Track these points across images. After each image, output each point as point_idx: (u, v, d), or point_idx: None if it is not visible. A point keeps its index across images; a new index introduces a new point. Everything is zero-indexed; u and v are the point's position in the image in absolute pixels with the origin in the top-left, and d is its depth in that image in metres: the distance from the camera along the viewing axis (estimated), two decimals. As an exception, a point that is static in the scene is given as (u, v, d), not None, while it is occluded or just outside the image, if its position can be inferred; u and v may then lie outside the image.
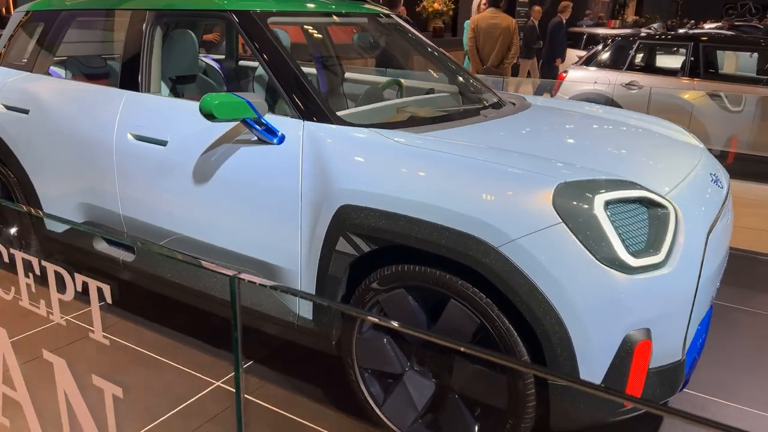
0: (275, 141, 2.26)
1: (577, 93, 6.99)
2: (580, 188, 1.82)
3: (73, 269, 1.36)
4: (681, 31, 12.54)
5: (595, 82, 7.10)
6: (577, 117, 2.79)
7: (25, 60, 3.25)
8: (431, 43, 3.26)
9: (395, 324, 1.54)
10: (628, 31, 11.17)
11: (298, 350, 2.53)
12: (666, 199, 1.92)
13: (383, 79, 3.43)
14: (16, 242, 3.26)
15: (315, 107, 2.30)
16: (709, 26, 19.70)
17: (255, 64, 4.14)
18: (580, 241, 1.75)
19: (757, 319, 3.23)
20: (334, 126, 2.24)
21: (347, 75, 3.54)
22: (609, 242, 1.76)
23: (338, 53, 3.58)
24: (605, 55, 7.30)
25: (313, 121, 2.27)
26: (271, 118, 2.29)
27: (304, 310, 2.30)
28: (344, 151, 2.14)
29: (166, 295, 2.79)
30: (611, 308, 1.76)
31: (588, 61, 7.47)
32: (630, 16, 25.31)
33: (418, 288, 2.01)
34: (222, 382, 2.51)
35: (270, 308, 2.37)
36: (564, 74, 7.50)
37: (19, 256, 1.47)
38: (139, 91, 2.72)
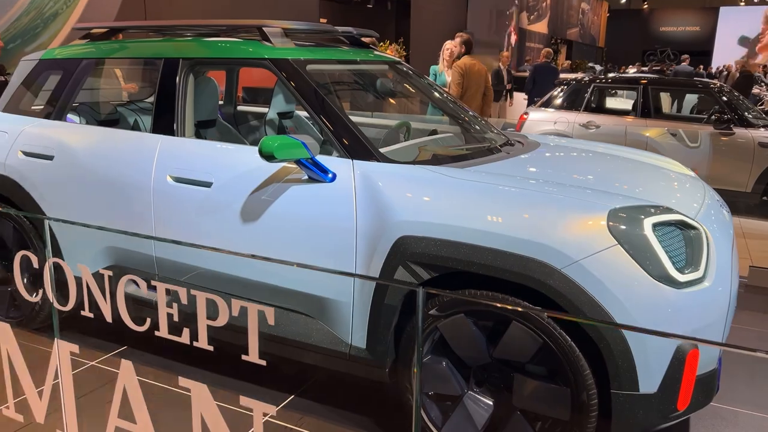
0: (327, 179, 2.38)
1: (540, 132, 7.40)
2: (629, 213, 2.04)
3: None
4: (610, 75, 13.46)
5: (555, 123, 7.54)
6: (588, 153, 3.04)
7: (41, 107, 3.26)
8: (439, 87, 3.49)
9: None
10: (576, 75, 11.91)
11: (339, 380, 2.60)
12: (697, 222, 2.15)
13: (391, 122, 3.62)
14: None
15: (361, 147, 2.45)
16: (632, 70, 21.15)
17: (256, 109, 4.27)
18: (635, 260, 1.95)
19: (738, 334, 3.53)
20: (384, 163, 2.39)
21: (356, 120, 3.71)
22: (659, 260, 1.97)
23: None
24: (562, 98, 7.79)
25: (361, 159, 2.41)
26: (319, 158, 2.42)
27: (358, 339, 2.39)
28: (399, 186, 2.29)
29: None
30: (665, 320, 1.95)
31: (546, 103, 7.93)
32: (562, 62, 26.88)
33: (477, 312, 2.15)
34: (270, 417, 2.55)
35: (320, 340, 2.45)
36: (525, 115, 7.93)
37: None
38: (174, 135, 2.80)
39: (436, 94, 3.51)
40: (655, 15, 38.19)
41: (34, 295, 1.94)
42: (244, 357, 1.41)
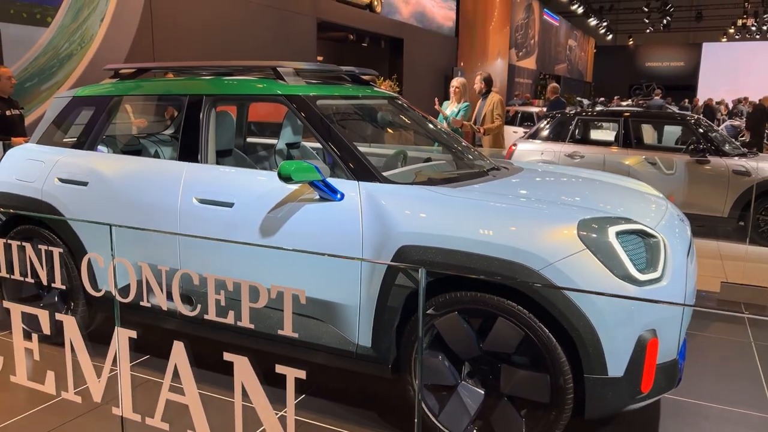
0: (337, 198, 2.74)
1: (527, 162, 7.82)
2: (596, 223, 2.39)
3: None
4: (598, 108, 14.06)
5: (542, 153, 7.96)
6: (564, 176, 3.42)
7: (74, 139, 3.62)
8: (433, 119, 3.87)
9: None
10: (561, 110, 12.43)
11: (347, 377, 2.90)
12: (656, 231, 2.51)
13: (389, 150, 4.00)
14: (60, 306, 3.50)
15: (365, 170, 2.81)
16: (625, 103, 21.84)
17: (263, 140, 4.64)
18: (601, 262, 2.30)
19: (703, 339, 3.86)
20: (386, 184, 2.75)
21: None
22: (622, 263, 2.32)
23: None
24: (548, 130, 8.23)
25: (366, 181, 2.77)
26: (329, 180, 2.78)
27: (364, 339, 2.71)
28: (399, 203, 2.64)
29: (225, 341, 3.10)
30: (628, 314, 2.29)
31: (533, 135, 8.37)
32: (550, 97, 27.70)
33: (468, 310, 2.48)
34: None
35: (330, 341, 2.76)
36: (513, 147, 8.36)
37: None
38: (198, 162, 3.15)
39: (430, 126, 3.90)
40: (641, 51, 39.36)
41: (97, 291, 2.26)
42: (280, 331, 1.73)
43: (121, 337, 1.91)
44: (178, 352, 1.81)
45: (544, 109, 13.74)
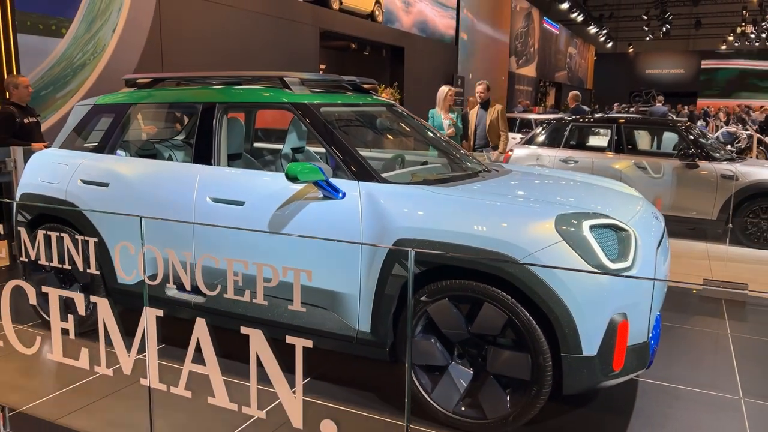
0: (339, 197, 3.01)
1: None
2: (572, 217, 2.66)
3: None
4: (597, 115, 14.38)
5: (537, 158, 8.23)
6: (548, 177, 3.68)
7: (96, 144, 3.90)
8: (428, 125, 4.15)
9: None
10: (556, 116, 12.72)
11: (344, 364, 3.15)
12: (627, 225, 2.78)
13: (387, 155, 4.27)
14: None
15: (365, 171, 3.08)
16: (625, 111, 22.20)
17: (268, 145, 4.92)
18: (576, 252, 2.56)
19: (683, 331, 4.12)
20: (383, 184, 3.02)
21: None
22: (595, 253, 2.58)
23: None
24: (543, 136, 8.50)
25: (365, 181, 3.04)
26: (332, 180, 3.04)
27: (363, 324, 2.97)
28: (396, 201, 2.91)
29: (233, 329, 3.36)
30: (600, 298, 2.56)
31: (529, 141, 8.65)
32: (550, 104, 28.04)
33: (458, 297, 2.74)
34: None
35: (333, 327, 3.02)
36: (510, 152, 8.63)
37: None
38: (211, 165, 3.43)
39: (426, 131, 4.17)
40: (641, 58, 39.71)
41: (130, 275, 2.52)
42: (290, 307, 1.99)
43: (149, 317, 2.17)
44: (201, 328, 2.07)
45: (544, 116, 14.04)
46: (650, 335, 2.78)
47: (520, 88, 25.30)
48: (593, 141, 8.76)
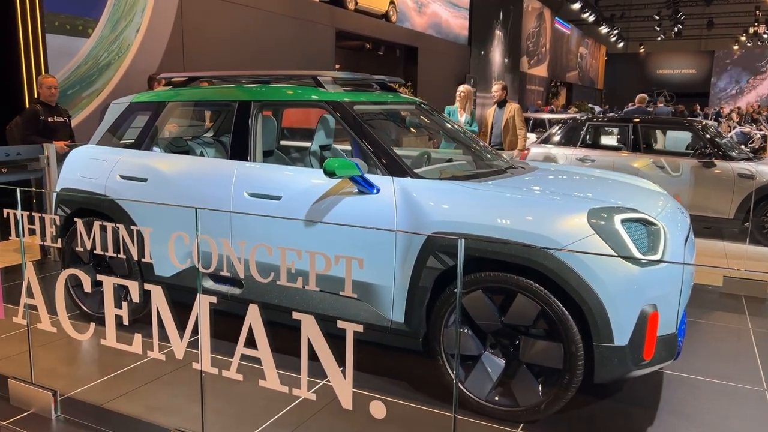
0: (373, 192, 3.11)
1: (541, 167, 8.15)
2: (604, 211, 2.75)
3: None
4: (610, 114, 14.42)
5: (554, 158, 8.30)
6: (575, 174, 3.77)
7: (132, 140, 4.02)
8: (456, 122, 4.24)
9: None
10: (571, 114, 12.78)
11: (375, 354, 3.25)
12: (656, 220, 2.86)
13: (413, 152, 4.37)
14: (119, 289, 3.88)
15: (398, 167, 3.18)
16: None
17: (294, 143, 5.03)
18: (608, 245, 2.65)
19: (705, 326, 4.19)
20: (417, 179, 3.12)
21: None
22: (626, 246, 2.67)
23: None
24: (560, 135, 8.57)
25: (399, 176, 3.14)
26: (366, 176, 3.14)
27: (398, 315, 3.07)
28: (429, 196, 3.01)
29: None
30: (631, 290, 2.64)
31: (545, 141, 8.72)
32: (560, 104, 28.10)
33: (491, 288, 2.84)
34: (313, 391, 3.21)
35: (367, 317, 3.12)
36: (526, 151, 8.70)
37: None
38: (247, 161, 3.54)
39: (454, 129, 4.27)
40: (652, 58, 39.59)
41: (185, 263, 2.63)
42: (341, 293, 2.09)
43: (203, 303, 2.28)
44: (253, 313, 2.18)
45: (558, 116, 14.10)
46: (678, 327, 2.86)
47: (532, 88, 25.32)
48: (610, 140, 8.82)
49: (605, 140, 8.86)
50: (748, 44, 36.50)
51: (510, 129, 7.48)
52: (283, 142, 5.03)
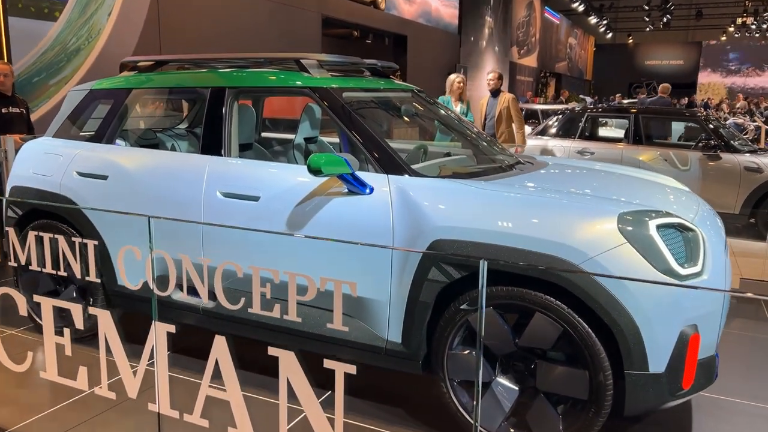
0: (366, 192, 2.69)
1: (538, 160, 7.76)
2: (636, 216, 2.35)
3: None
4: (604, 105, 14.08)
5: (552, 150, 7.92)
6: (592, 170, 3.37)
7: (93, 132, 3.56)
8: (456, 113, 3.83)
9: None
10: (561, 106, 12.43)
11: (375, 374, 2.85)
12: (694, 225, 2.47)
13: (408, 145, 3.95)
14: (79, 302, 3.44)
15: (394, 163, 2.77)
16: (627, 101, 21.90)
17: (277, 135, 4.59)
18: (642, 256, 2.25)
19: (725, 335, 3.83)
20: (416, 177, 2.70)
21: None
22: (663, 256, 2.27)
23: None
24: (557, 127, 8.18)
25: (395, 174, 2.72)
26: (358, 174, 2.72)
27: (394, 334, 2.66)
28: (431, 197, 2.59)
29: (243, 336, 3.05)
30: (670, 309, 2.25)
31: (542, 132, 8.33)
32: (551, 94, 27.76)
33: (504, 305, 2.44)
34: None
35: (359, 336, 2.71)
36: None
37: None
38: (221, 156, 3.10)
39: (455, 120, 3.85)
40: (640, 49, 39.35)
41: (135, 284, 2.20)
42: (329, 325, 1.68)
43: (159, 332, 1.86)
44: (220, 347, 1.76)
45: (554, 107, 13.73)
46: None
47: (521, 79, 24.93)
48: (610, 132, 8.45)
49: (604, 132, 8.50)
50: (736, 35, 36.38)
51: (504, 119, 7.08)
52: (264, 134, 4.60)
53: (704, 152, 6.92)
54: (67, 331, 2.09)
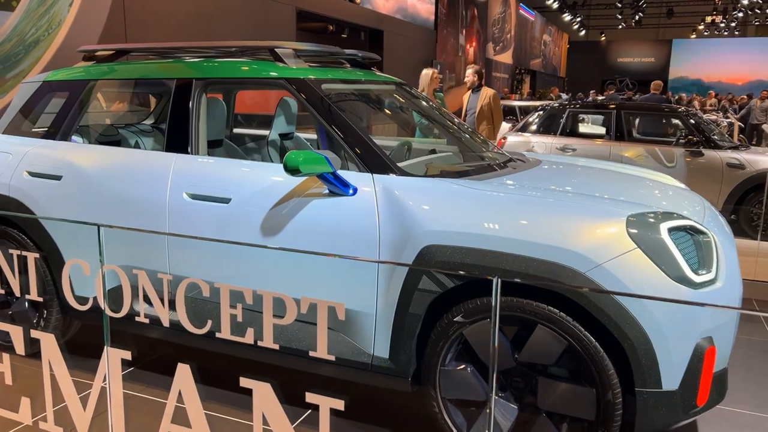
0: (349, 193, 2.44)
1: (519, 156, 7.59)
2: (645, 219, 2.15)
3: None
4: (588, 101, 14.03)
5: (533, 147, 7.76)
6: (589, 168, 3.17)
7: (46, 128, 3.25)
8: (443, 108, 3.60)
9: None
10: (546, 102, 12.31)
11: (360, 391, 2.62)
12: (705, 227, 2.28)
13: (391, 141, 3.71)
14: (31, 314, 3.13)
15: (380, 161, 2.53)
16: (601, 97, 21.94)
17: (249, 131, 4.32)
18: (654, 263, 2.05)
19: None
20: (404, 177, 2.46)
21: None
22: (677, 262, 2.08)
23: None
24: (538, 123, 8.02)
25: (380, 173, 2.48)
26: (340, 173, 2.48)
27: (380, 349, 2.43)
28: (422, 198, 2.36)
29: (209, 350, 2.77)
30: (684, 320, 2.05)
31: (523, 128, 8.17)
32: (526, 91, 27.76)
33: (502, 317, 2.21)
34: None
35: (342, 351, 2.47)
36: (503, 140, 8.13)
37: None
38: (188, 153, 2.82)
39: (437, 114, 3.62)
40: (613, 47, 39.69)
41: (84, 304, 1.92)
42: (312, 353, 1.44)
43: (112, 359, 1.59)
44: (183, 377, 1.51)
45: (530, 103, 13.61)
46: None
47: (497, 75, 24.86)
48: (590, 128, 8.33)
49: (585, 128, 8.37)
50: (705, 33, 36.89)
51: (485, 116, 6.88)
52: (236, 131, 4.31)
53: (686, 148, 6.82)
54: (6, 356, 1.80)
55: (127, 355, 1.59)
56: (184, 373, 1.51)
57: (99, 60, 3.36)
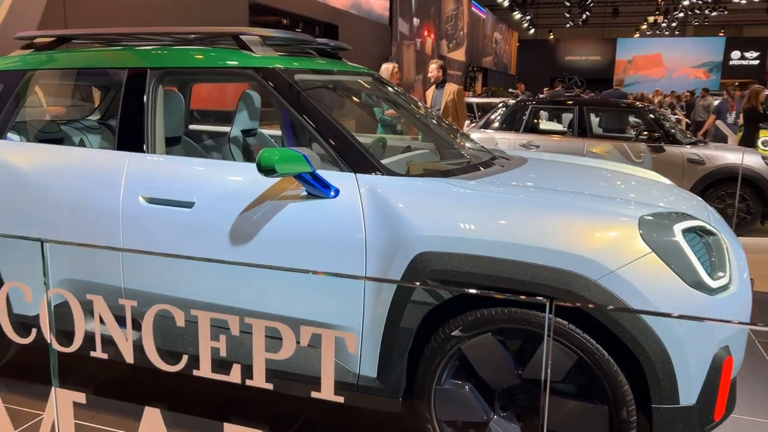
0: (330, 195, 2.20)
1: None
2: (658, 220, 1.98)
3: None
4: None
5: (497, 143, 7.64)
6: (580, 166, 3.00)
7: (-24, 124, 2.86)
8: (414, 98, 3.39)
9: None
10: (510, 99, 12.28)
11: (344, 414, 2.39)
12: (714, 228, 2.13)
13: (366, 138, 3.47)
14: None
15: (363, 159, 2.29)
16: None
17: (207, 128, 4.00)
18: (670, 268, 1.89)
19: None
20: (392, 177, 2.23)
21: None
22: (693, 267, 1.92)
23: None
24: (500, 120, 7.92)
25: (365, 173, 2.24)
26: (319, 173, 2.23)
27: (368, 367, 2.20)
28: (413, 200, 2.13)
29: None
30: (703, 330, 1.90)
31: (485, 125, 8.05)
32: (479, 89, 27.91)
33: (505, 330, 2.02)
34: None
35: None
36: (466, 137, 7.99)
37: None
38: (143, 152, 2.52)
39: (412, 106, 3.40)
40: (561, 45, 40.47)
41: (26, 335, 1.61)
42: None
43: (62, 402, 1.30)
44: (151, 422, 1.23)
45: (489, 100, 13.57)
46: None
47: (451, 72, 24.87)
48: (553, 124, 8.30)
49: (547, 124, 8.33)
50: (648, 33, 38.01)
51: (449, 112, 6.72)
52: (192, 127, 3.99)
53: (648, 144, 6.84)
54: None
55: (81, 397, 1.30)
56: (152, 418, 1.23)
57: (38, 48, 2.99)
